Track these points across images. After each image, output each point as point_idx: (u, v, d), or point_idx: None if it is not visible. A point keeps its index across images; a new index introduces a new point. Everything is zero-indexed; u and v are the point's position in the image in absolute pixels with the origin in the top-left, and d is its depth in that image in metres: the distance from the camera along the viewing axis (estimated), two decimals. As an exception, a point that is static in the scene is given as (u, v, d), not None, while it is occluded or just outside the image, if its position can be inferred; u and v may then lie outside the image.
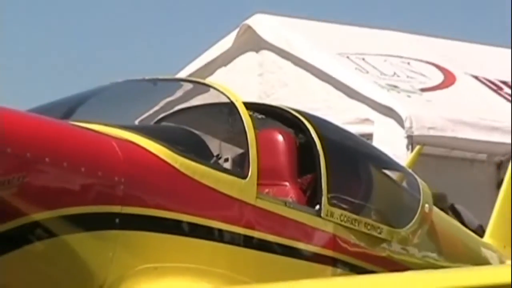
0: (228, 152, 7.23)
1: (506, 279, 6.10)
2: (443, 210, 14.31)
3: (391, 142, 14.62)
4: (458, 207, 12.38)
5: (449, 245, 8.81)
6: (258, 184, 7.05)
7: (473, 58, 18.94)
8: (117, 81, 7.59)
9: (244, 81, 16.31)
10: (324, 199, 7.41)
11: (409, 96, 16.61)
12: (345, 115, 14.83)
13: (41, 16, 36.54)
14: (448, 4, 35.36)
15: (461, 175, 14.78)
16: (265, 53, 17.49)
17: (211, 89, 7.77)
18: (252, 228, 6.98)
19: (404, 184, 8.65)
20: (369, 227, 7.76)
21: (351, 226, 7.61)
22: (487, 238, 10.49)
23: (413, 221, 8.26)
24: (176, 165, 6.69)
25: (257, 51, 17.62)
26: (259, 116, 7.55)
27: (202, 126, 7.27)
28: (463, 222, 12.71)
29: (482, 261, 9.26)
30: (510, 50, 19.95)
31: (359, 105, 16.24)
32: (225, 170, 7.04)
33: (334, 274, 7.38)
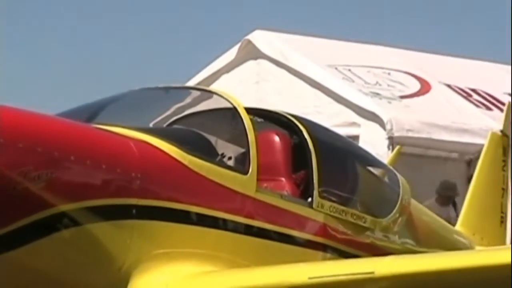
0: (231, 151, 7.23)
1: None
2: (453, 198, 14.30)
3: (374, 143, 14.66)
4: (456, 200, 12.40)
5: (425, 233, 8.82)
6: (257, 179, 7.07)
7: (447, 68, 18.95)
8: (134, 89, 7.62)
9: (243, 88, 16.32)
10: (315, 192, 7.43)
11: (389, 102, 16.64)
12: (333, 119, 14.87)
13: (61, 30, 36.28)
14: (424, 20, 35.31)
15: (435, 171, 14.81)
16: (262, 64, 17.52)
17: (216, 96, 7.80)
18: (252, 218, 7.01)
19: (386, 179, 8.65)
20: (355, 217, 7.77)
21: (339, 216, 7.62)
22: (459, 227, 10.50)
23: (394, 211, 8.27)
24: (185, 162, 6.71)
25: (255, 62, 17.63)
26: (258, 120, 7.55)
27: (208, 128, 7.27)
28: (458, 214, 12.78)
29: (454, 247, 9.24)
30: (478, 61, 19.99)
31: (346, 110, 16.28)
32: (228, 167, 7.06)
33: (324, 259, 7.40)
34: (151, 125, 7.12)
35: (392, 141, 15.35)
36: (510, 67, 20.13)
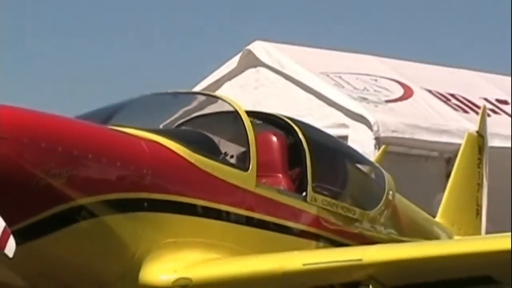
0: (233, 150, 7.23)
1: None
2: None
3: (362, 142, 14.64)
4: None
5: (408, 224, 8.81)
6: (257, 176, 7.08)
7: (427, 75, 18.92)
8: (145, 94, 7.63)
9: (244, 93, 16.33)
10: (309, 187, 7.44)
11: (376, 106, 16.62)
12: (325, 121, 14.82)
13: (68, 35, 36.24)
14: (407, 32, 35.30)
15: (418, 168, 14.79)
16: (261, 71, 17.54)
17: (220, 101, 7.83)
18: (252, 210, 7.01)
19: (373, 175, 8.66)
20: (345, 209, 7.77)
21: (331, 209, 7.62)
22: (438, 218, 10.49)
23: (380, 204, 8.28)
24: (192, 160, 6.73)
25: (254, 70, 17.65)
26: (258, 122, 7.54)
27: (213, 129, 7.28)
28: None
29: (434, 237, 9.26)
30: (456, 69, 19.98)
31: (336, 112, 16.27)
32: (230, 164, 7.07)
33: (317, 247, 7.40)
34: (161, 126, 7.12)
35: (379, 141, 15.33)
36: (485, 74, 20.19)
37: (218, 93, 14.03)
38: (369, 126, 15.81)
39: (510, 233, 11.26)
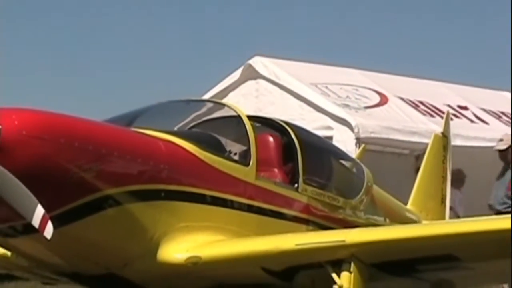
0: (236, 148, 7.20)
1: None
2: (461, 181, 14.24)
3: (345, 142, 14.65)
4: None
5: (384, 210, 8.82)
6: (256, 170, 7.07)
7: (400, 85, 18.95)
8: (162, 101, 7.62)
9: (245, 101, 16.33)
10: (300, 179, 7.43)
11: (356, 111, 16.64)
12: (313, 124, 14.83)
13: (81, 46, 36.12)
14: (383, 49, 35.34)
15: (391, 164, 14.79)
16: (260, 82, 17.56)
17: (226, 107, 7.84)
18: (253, 199, 7.00)
19: (354, 170, 8.64)
20: (330, 198, 7.77)
21: (319, 198, 7.62)
22: (409, 205, 10.51)
23: (360, 194, 8.27)
24: (202, 157, 6.71)
25: (254, 81, 17.67)
26: (257, 125, 7.53)
27: (219, 131, 7.26)
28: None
29: (406, 221, 9.24)
30: (424, 80, 20.01)
31: (323, 117, 16.29)
32: (234, 161, 7.05)
33: (307, 230, 7.38)
34: (175, 128, 7.09)
35: (359, 141, 15.35)
36: (448, 84, 20.22)
37: (224, 100, 14.01)
38: (351, 128, 15.85)
39: (469, 218, 11.31)
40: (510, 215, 10.05)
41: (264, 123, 7.85)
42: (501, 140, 12.16)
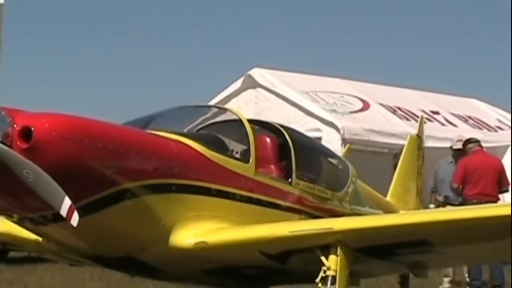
0: (238, 148, 7.18)
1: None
2: None
3: (332, 142, 14.73)
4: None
5: (366, 201, 8.80)
6: (255, 167, 7.05)
7: (381, 93, 19.05)
8: (174, 107, 7.59)
9: (246, 106, 16.38)
10: (293, 175, 7.40)
11: (342, 116, 16.73)
12: (305, 126, 14.90)
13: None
14: (364, 61, 35.38)
15: (373, 161, 14.86)
16: (259, 90, 17.60)
17: (228, 112, 7.81)
18: (252, 192, 6.96)
19: (340, 166, 8.61)
20: (320, 191, 7.74)
21: (310, 190, 7.59)
22: (388, 198, 10.50)
23: (345, 187, 8.24)
24: (208, 155, 6.69)
25: (254, 89, 17.71)
26: (256, 127, 7.50)
27: (223, 133, 7.23)
28: None
29: (385, 211, 9.22)
30: (401, 88, 20.05)
31: (313, 120, 16.37)
32: (236, 158, 7.02)
33: (300, 219, 7.35)
34: (185, 130, 7.06)
35: (344, 141, 15.44)
36: (422, 92, 20.28)
37: (227, 106, 14.04)
38: (338, 130, 15.95)
39: (444, 208, 11.30)
40: (478, 206, 10.19)
41: (262, 125, 7.83)
42: (458, 139, 12.28)
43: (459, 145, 12.02)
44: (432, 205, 12.25)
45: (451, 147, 12.25)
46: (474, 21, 38.96)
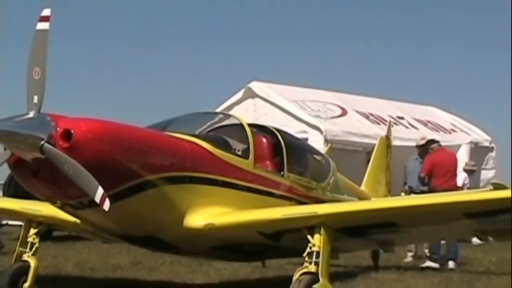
0: (239, 147, 7.14)
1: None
2: (474, 170, 14.86)
3: (317, 142, 14.71)
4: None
5: (344, 190, 8.78)
6: (254, 162, 7.02)
7: (356, 102, 19.04)
8: (187, 113, 7.55)
9: (246, 113, 16.35)
10: (285, 169, 7.38)
11: (325, 120, 16.74)
12: (295, 129, 14.89)
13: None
14: (343, 76, 35.39)
15: (350, 158, 14.83)
16: (257, 100, 17.59)
17: (232, 117, 7.78)
18: (251, 182, 6.93)
19: (323, 162, 8.59)
20: (306, 182, 7.71)
21: (298, 181, 7.56)
22: (362, 187, 10.49)
23: (327, 179, 8.22)
24: (215, 153, 6.66)
25: (252, 99, 17.70)
26: (255, 130, 7.47)
27: (227, 134, 7.20)
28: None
29: (360, 199, 9.20)
30: (373, 98, 20.04)
31: (301, 124, 16.37)
32: (238, 155, 6.99)
33: (290, 205, 7.28)
34: (196, 132, 7.02)
35: (326, 142, 15.43)
36: (389, 101, 20.29)
37: (230, 112, 14.02)
38: (321, 132, 15.95)
39: (409, 196, 11.27)
40: (436, 194, 10.20)
41: (260, 128, 7.80)
42: (422, 139, 12.38)
43: (422, 142, 12.15)
44: (403, 193, 12.23)
45: (416, 146, 12.26)
46: (431, 44, 39.04)
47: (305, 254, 6.13)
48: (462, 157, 16.96)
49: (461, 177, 13.69)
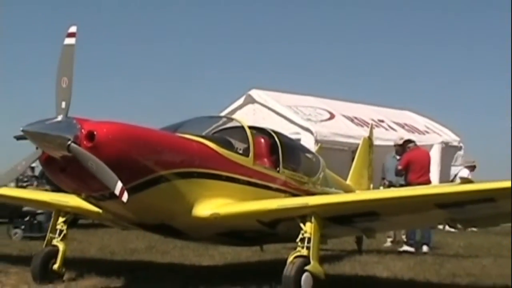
0: (241, 146, 7.10)
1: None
2: (475, 167, 14.67)
3: (308, 142, 14.67)
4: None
5: (332, 184, 8.76)
6: (253, 159, 7.00)
7: (343, 107, 19.01)
8: (195, 117, 7.52)
9: (247, 117, 16.33)
10: (280, 165, 7.34)
11: (315, 123, 16.70)
12: (289, 131, 14.80)
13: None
14: (330, 83, 35.37)
15: (337, 156, 14.77)
16: (256, 105, 17.56)
17: (234, 120, 7.74)
18: (251, 177, 6.90)
19: (314, 159, 8.55)
20: (299, 177, 7.66)
21: (292, 176, 7.52)
22: (348, 181, 10.46)
23: (317, 174, 8.18)
24: (219, 152, 6.64)
25: (252, 105, 17.67)
26: (254, 131, 7.44)
27: (230, 135, 7.17)
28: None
29: (346, 191, 9.12)
30: (357, 104, 20.02)
31: (295, 127, 16.33)
32: (239, 154, 6.95)
33: (285, 197, 7.23)
34: (203, 133, 7.00)
35: (317, 142, 15.39)
36: (371, 106, 20.27)
37: (233, 116, 14.01)
38: (312, 133, 15.91)
39: (388, 189, 11.22)
40: (412, 187, 10.20)
41: (258, 130, 7.76)
42: (400, 139, 12.43)
43: (400, 142, 12.19)
44: (381, 187, 12.23)
45: (395, 145, 12.30)
46: (408, 56, 39.12)
47: (298, 240, 6.11)
48: (435, 155, 17.08)
49: (465, 173, 14.24)
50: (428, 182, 11.38)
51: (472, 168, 14.80)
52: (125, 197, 5.36)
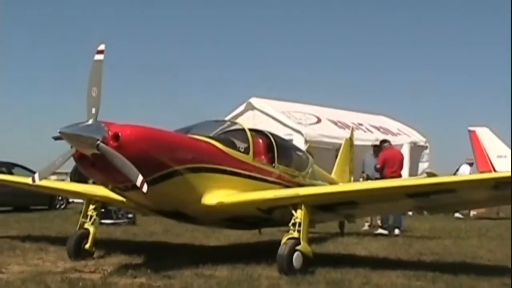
0: (242, 145, 7.05)
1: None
2: (472, 164, 15.44)
3: (298, 142, 14.63)
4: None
5: (319, 178, 8.69)
6: (253, 157, 6.96)
7: (328, 113, 18.98)
8: (204, 121, 7.45)
9: (247, 121, 16.25)
10: (276, 162, 7.29)
11: (305, 126, 16.66)
12: (283, 132, 14.77)
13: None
14: (318, 92, 35.37)
15: (323, 154, 14.68)
16: (255, 112, 17.53)
17: (237, 124, 7.70)
18: (251, 172, 6.86)
19: (304, 156, 8.50)
20: (292, 171, 7.60)
21: (285, 171, 7.45)
22: (332, 175, 10.39)
23: (306, 169, 8.11)
24: (224, 150, 6.60)
25: (252, 111, 17.65)
26: (254, 133, 7.39)
27: (234, 136, 7.12)
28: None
29: (331, 184, 9.04)
30: (341, 110, 19.97)
31: (288, 129, 16.27)
32: (241, 152, 6.90)
33: (280, 188, 7.13)
34: (211, 135, 6.94)
35: (306, 142, 15.37)
36: (352, 112, 20.23)
37: (236, 120, 13.97)
38: (302, 135, 15.87)
39: (366, 182, 11.17)
40: (387, 180, 10.17)
41: (257, 132, 7.70)
42: (376, 140, 12.46)
43: (377, 143, 12.24)
44: (361, 179, 12.22)
45: (372, 145, 12.34)
46: (384, 67, 39.21)
47: (290, 224, 6.10)
48: (405, 153, 16.96)
49: (467, 169, 14.70)
50: (399, 176, 11.40)
51: (471, 164, 15.07)
52: (145, 188, 5.33)
